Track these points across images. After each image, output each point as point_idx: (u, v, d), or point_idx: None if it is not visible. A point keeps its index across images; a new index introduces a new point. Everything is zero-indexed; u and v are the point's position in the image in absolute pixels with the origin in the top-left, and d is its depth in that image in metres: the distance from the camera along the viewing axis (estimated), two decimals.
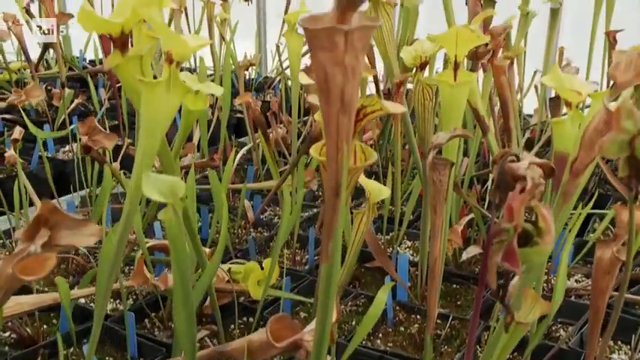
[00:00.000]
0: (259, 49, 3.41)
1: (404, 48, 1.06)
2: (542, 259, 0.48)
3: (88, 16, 0.70)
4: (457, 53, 0.88)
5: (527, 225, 0.46)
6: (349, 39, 0.43)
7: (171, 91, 0.70)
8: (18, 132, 1.73)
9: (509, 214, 0.44)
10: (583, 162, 0.74)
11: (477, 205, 1.20)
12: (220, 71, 2.77)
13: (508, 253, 0.42)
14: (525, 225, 0.46)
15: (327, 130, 0.47)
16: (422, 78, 1.04)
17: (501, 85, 1.03)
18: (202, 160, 1.51)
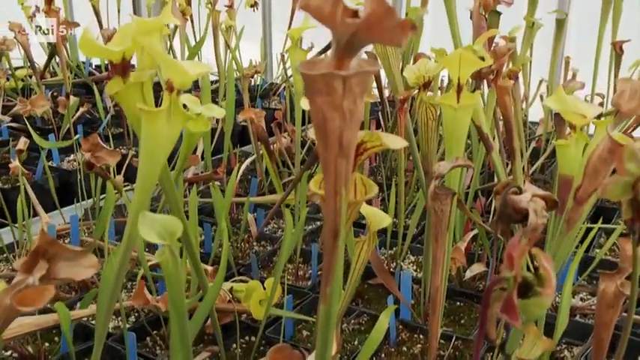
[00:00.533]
0: (265, 56, 3.41)
1: (407, 67, 1.05)
2: (542, 311, 0.47)
3: (89, 43, 0.70)
4: (460, 76, 0.87)
5: (528, 274, 0.45)
6: (347, 84, 0.43)
7: (172, 119, 0.70)
8: (22, 143, 1.73)
9: (509, 262, 0.43)
10: (587, 190, 0.74)
11: (481, 223, 1.19)
12: (225, 79, 2.78)
13: (507, 305, 0.41)
14: (526, 274, 0.45)
15: (325, 173, 0.46)
16: (425, 98, 1.03)
17: (505, 105, 1.02)
18: (206, 173, 1.51)
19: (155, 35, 0.70)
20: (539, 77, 2.34)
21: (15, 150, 1.71)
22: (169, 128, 0.70)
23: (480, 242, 1.45)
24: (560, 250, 0.78)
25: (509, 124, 1.03)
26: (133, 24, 0.70)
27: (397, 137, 0.59)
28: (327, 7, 0.39)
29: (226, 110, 1.67)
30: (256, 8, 3.22)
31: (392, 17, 0.38)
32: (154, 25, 0.71)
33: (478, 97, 0.91)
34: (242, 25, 3.12)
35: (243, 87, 1.81)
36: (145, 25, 0.70)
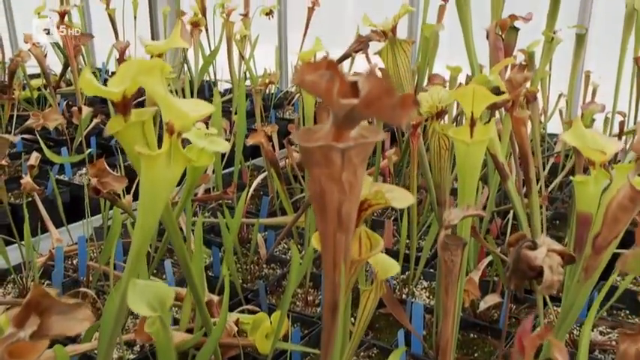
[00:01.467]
0: (280, 65, 3.39)
1: (419, 95, 1.02)
2: None
3: (88, 83, 0.67)
4: (474, 110, 0.84)
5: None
6: (347, 156, 0.40)
7: (172, 163, 0.67)
8: (34, 158, 1.73)
9: (520, 349, 0.40)
10: (606, 239, 0.70)
11: (496, 252, 1.16)
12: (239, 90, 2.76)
13: None
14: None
15: (323, 247, 0.43)
16: (438, 128, 1.00)
17: (521, 137, 0.98)
18: (216, 193, 1.49)
19: (156, 75, 0.68)
20: (558, 89, 2.29)
21: (27, 165, 1.71)
22: (169, 172, 0.67)
23: (495, 268, 1.41)
24: (578, 299, 0.74)
25: (525, 156, 1.00)
26: (134, 63, 0.68)
27: (404, 193, 0.56)
28: (323, 84, 0.36)
29: (238, 123, 1.65)
30: (272, 16, 3.20)
31: (391, 96, 0.35)
32: (155, 64, 0.68)
33: (493, 130, 0.88)
34: (257, 34, 3.11)
35: (256, 101, 1.79)
36: (145, 64, 0.68)
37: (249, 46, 3.04)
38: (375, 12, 3.98)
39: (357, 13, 3.99)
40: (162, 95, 0.68)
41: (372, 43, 1.73)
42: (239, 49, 2.65)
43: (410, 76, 1.25)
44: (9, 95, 2.19)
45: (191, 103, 0.70)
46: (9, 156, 2.03)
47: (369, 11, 4.19)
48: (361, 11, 4.25)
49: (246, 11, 2.97)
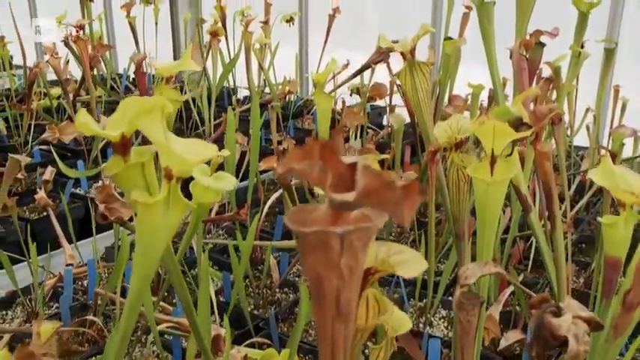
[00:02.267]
0: (300, 73, 3.35)
1: (438, 124, 0.97)
2: None
3: (85, 126, 0.64)
4: (494, 147, 0.79)
5: None
6: (346, 241, 0.36)
7: (171, 210, 0.64)
8: (49, 173, 1.72)
9: None
10: (638, 297, 0.64)
11: (519, 285, 1.10)
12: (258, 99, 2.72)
13: None
14: None
15: (320, 338, 0.39)
16: (457, 159, 0.95)
17: (545, 172, 0.93)
18: (228, 213, 1.45)
19: (155, 116, 0.64)
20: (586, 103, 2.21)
21: (42, 180, 1.70)
22: (167, 219, 0.64)
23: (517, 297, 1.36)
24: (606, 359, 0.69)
25: (549, 193, 0.94)
26: (133, 104, 0.64)
27: (415, 257, 0.51)
28: (314, 174, 0.32)
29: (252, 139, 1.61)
30: (292, 23, 3.17)
31: (392, 190, 0.31)
32: (155, 104, 0.64)
33: (516, 166, 0.82)
34: (278, 40, 3.07)
35: (272, 117, 1.76)
36: (144, 105, 0.64)
37: (269, 54, 3.02)
38: (396, 15, 3.89)
39: (378, 15, 3.93)
40: (160, 140, 0.64)
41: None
42: (258, 60, 2.63)
43: (429, 99, 1.20)
44: (27, 106, 2.19)
45: (192, 144, 0.66)
46: (25, 168, 2.02)
47: (390, 14, 4.11)
48: (382, 13, 4.17)
49: (266, 19, 2.94)
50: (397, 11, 3.66)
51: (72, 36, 1.80)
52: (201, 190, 0.80)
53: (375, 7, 3.97)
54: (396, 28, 3.66)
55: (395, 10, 3.67)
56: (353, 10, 3.83)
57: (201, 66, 1.40)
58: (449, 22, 2.56)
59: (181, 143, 0.66)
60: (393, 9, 3.70)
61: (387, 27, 3.79)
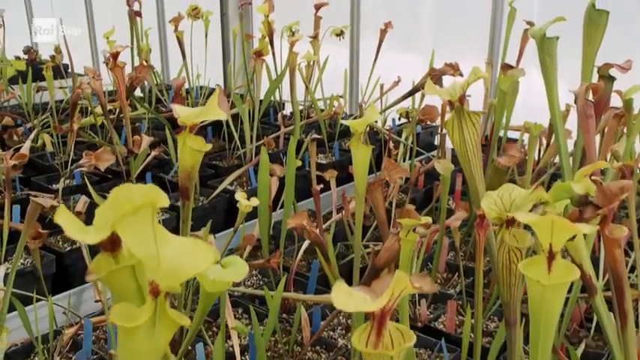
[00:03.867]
0: (350, 87, 3.24)
1: (486, 196, 0.84)
2: None
3: (68, 227, 0.55)
4: (553, 243, 0.66)
5: None
6: None
7: (157, 331, 0.54)
8: (82, 204, 1.68)
9: None
10: None
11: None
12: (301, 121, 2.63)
13: None
14: None
15: None
16: (507, 239, 0.82)
17: (615, 260, 0.79)
18: (259, 261, 1.36)
19: (142, 217, 0.54)
20: None
21: (74, 212, 1.65)
22: (153, 341, 0.54)
23: None
24: None
25: (619, 283, 0.80)
26: (118, 203, 0.54)
27: None
28: None
29: (287, 179, 1.52)
30: (342, 37, 3.07)
31: None
32: (144, 202, 0.54)
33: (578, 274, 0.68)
34: (327, 55, 2.97)
35: (311, 152, 1.65)
36: (130, 205, 0.54)
37: (317, 69, 2.92)
38: (452, 18, 3.68)
39: (432, 15, 3.76)
40: (146, 253, 0.54)
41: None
42: (304, 81, 2.53)
43: (479, 151, 1.07)
44: (70, 126, 2.18)
45: (187, 248, 0.56)
46: (64, 190, 2.00)
47: (445, 16, 3.90)
48: (438, 14, 3.96)
49: (315, 33, 2.84)
50: (453, 12, 3.49)
51: (109, 60, 1.75)
52: (208, 282, 0.71)
53: (433, 5, 3.80)
54: (451, 28, 3.48)
55: (451, 9, 3.50)
56: (406, 10, 3.68)
57: (227, 112, 1.30)
58: (508, 37, 2.40)
59: (175, 246, 0.56)
60: (449, 8, 3.53)
61: (441, 28, 3.62)
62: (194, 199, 2.10)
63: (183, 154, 1.05)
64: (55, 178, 2.16)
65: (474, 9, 3.34)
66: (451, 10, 3.51)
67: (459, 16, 3.48)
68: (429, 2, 3.82)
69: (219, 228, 2.01)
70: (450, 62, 2.14)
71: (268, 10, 2.65)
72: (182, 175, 1.07)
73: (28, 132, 2.58)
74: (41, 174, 2.24)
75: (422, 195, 2.15)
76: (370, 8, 3.62)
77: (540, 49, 1.19)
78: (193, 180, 1.08)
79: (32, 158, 2.30)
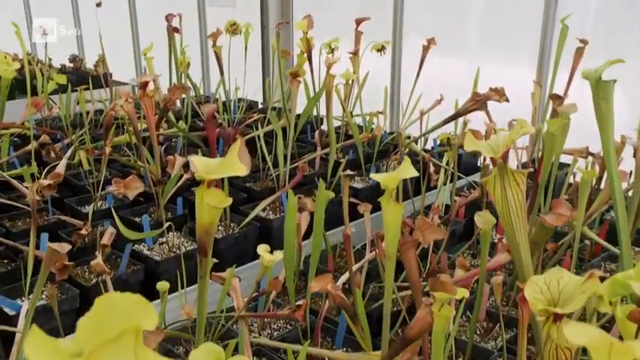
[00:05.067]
0: (390, 103, 3.14)
1: (531, 282, 0.74)
2: None
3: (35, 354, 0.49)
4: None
5: None
6: None
7: None
8: (108, 236, 1.63)
9: None
10: None
11: None
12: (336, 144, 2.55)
13: None
14: None
15: None
16: (555, 336, 0.72)
17: None
18: (282, 311, 1.29)
19: (123, 346, 0.47)
20: None
21: (99, 245, 1.61)
22: None
23: None
24: None
25: None
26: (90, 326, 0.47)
27: None
28: None
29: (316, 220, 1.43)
30: (383, 52, 2.97)
31: None
32: (127, 329, 0.47)
33: None
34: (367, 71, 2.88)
35: (344, 189, 1.57)
36: (107, 330, 0.47)
37: (356, 86, 2.84)
38: (500, 22, 3.49)
39: (481, 19, 3.62)
40: None
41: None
42: (342, 103, 2.45)
43: (523, 213, 0.97)
44: (104, 150, 2.15)
45: None
46: (95, 214, 1.97)
47: (493, 19, 3.72)
48: (485, 17, 3.78)
49: (355, 49, 2.76)
50: (502, 14, 3.34)
51: (138, 89, 1.71)
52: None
53: (481, 7, 3.66)
54: (499, 32, 3.33)
55: (499, 10, 3.35)
56: (452, 14, 3.55)
57: (248, 167, 1.23)
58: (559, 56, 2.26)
59: None
60: (497, 10, 3.38)
61: (489, 30, 3.47)
62: (224, 225, 2.04)
63: (201, 210, 0.98)
64: (88, 199, 2.14)
65: (524, 17, 3.19)
66: (500, 15, 3.35)
67: (508, 23, 3.32)
68: (478, 8, 3.68)
69: (249, 257, 1.95)
70: (495, 87, 2.02)
71: (307, 27, 2.57)
72: (199, 230, 1.00)
73: (66, 148, 2.58)
74: (75, 194, 2.23)
75: (462, 227, 2.04)
76: (414, 13, 3.51)
77: (595, 94, 1.07)
78: (212, 235, 1.01)
79: (67, 177, 2.28)
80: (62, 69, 4.35)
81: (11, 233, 1.85)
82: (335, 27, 3.68)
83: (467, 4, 3.62)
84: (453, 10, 3.58)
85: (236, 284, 1.37)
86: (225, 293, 1.36)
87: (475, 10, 3.69)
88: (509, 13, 3.31)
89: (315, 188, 2.34)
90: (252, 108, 3.53)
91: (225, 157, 0.97)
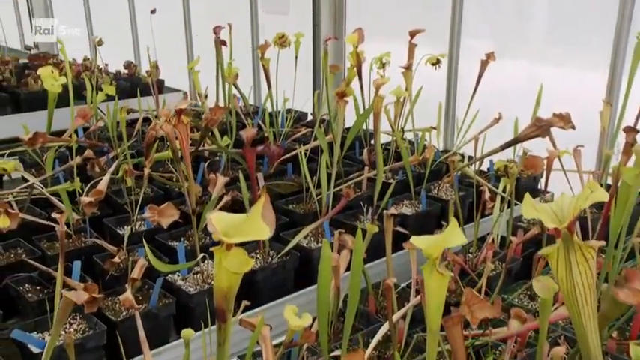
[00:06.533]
0: (445, 119, 2.98)
1: None
2: None
3: None
4: None
5: None
6: None
7: None
8: (139, 268, 1.56)
9: None
10: None
11: None
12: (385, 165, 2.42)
13: None
14: None
15: None
16: None
17: None
18: None
19: None
20: None
21: (129, 279, 1.55)
22: None
23: None
24: None
25: None
26: None
27: None
28: None
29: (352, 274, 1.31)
30: (439, 66, 2.81)
31: None
32: None
33: None
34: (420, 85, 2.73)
35: (387, 230, 1.44)
36: None
37: (408, 102, 2.69)
38: (567, 20, 3.22)
39: (545, 17, 3.39)
40: None
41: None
42: (391, 125, 2.32)
43: (593, 295, 0.82)
44: (144, 171, 2.10)
45: None
46: (132, 237, 1.92)
47: (559, 17, 3.45)
48: (550, 14, 3.52)
49: (408, 63, 2.62)
50: (569, 19, 3.10)
51: (171, 117, 1.63)
52: None
53: (546, 9, 3.43)
54: (566, 31, 3.10)
55: (566, 8, 3.11)
56: (511, 8, 3.34)
57: (272, 227, 1.11)
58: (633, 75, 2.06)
59: None
60: (563, 7, 3.14)
61: (554, 29, 3.24)
62: (263, 253, 1.95)
63: (219, 274, 0.88)
64: (127, 220, 2.09)
65: (594, 14, 2.94)
66: (567, 12, 3.11)
67: (575, 21, 3.08)
68: (541, 5, 3.44)
69: (287, 290, 1.85)
70: (560, 112, 1.85)
71: (357, 41, 2.46)
72: (218, 295, 0.90)
73: (111, 162, 2.55)
74: (116, 212, 2.18)
75: (519, 265, 1.87)
76: (471, 11, 3.32)
77: None
78: (232, 300, 0.91)
79: (108, 194, 2.25)
80: (117, 75, 4.37)
81: (47, 257, 1.81)
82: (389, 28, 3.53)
83: (529, 1, 3.40)
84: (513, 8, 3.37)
85: (266, 334, 1.26)
86: (254, 342, 1.26)
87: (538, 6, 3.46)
88: (577, 10, 3.07)
89: (360, 213, 2.23)
90: (300, 120, 3.43)
91: (247, 216, 0.87)
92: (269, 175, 2.53)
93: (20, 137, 2.13)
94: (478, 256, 1.90)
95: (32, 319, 1.54)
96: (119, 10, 5.51)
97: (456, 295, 1.75)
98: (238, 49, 3.03)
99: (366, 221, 2.19)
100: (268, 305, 1.74)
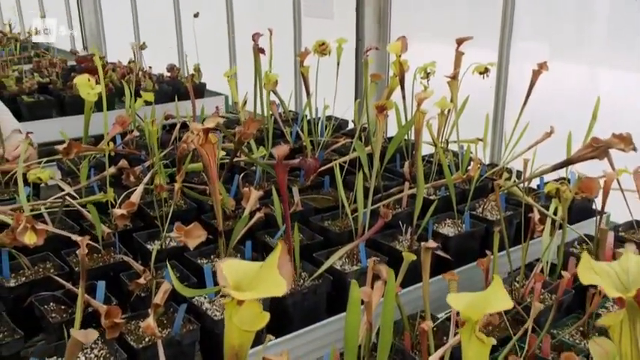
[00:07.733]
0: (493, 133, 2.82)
1: None
2: None
3: None
4: None
5: None
6: None
7: None
8: (162, 295, 1.50)
9: None
10: None
11: None
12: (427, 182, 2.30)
13: None
14: None
15: None
16: None
17: None
18: None
19: None
20: None
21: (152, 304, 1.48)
22: None
23: None
24: None
25: None
26: None
27: None
28: None
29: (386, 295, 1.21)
30: (487, 75, 2.66)
31: None
32: None
33: None
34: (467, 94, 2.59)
35: (424, 263, 1.33)
36: None
37: (453, 113, 2.55)
38: (629, 21, 2.97)
39: (606, 18, 3.19)
40: None
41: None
42: (434, 141, 2.20)
43: None
44: (174, 186, 2.05)
45: None
46: (159, 254, 1.85)
47: (621, 17, 3.20)
48: (611, 15, 3.30)
49: (454, 72, 2.48)
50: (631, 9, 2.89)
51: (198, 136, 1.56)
52: None
53: (607, 11, 3.22)
54: (627, 33, 2.90)
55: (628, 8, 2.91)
56: (569, 8, 3.14)
57: (290, 281, 1.02)
58: None
59: None
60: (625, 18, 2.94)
61: (614, 32, 3.05)
62: (295, 274, 1.86)
63: (230, 330, 0.79)
64: (158, 234, 2.03)
65: None
66: (630, 12, 2.91)
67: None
68: (602, 5, 3.24)
69: (317, 316, 1.75)
70: (620, 133, 1.69)
71: (400, 50, 2.34)
72: (228, 351, 0.81)
73: (146, 171, 2.51)
74: (147, 225, 2.13)
75: (571, 297, 1.72)
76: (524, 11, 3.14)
77: None
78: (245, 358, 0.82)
79: (141, 205, 2.20)
80: (159, 78, 4.37)
81: (74, 273, 1.77)
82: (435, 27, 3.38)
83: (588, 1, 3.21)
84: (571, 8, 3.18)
85: None
86: None
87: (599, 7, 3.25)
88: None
89: (399, 233, 2.11)
90: (341, 127, 3.33)
91: (262, 269, 0.78)
92: (305, 188, 2.44)
93: (56, 148, 2.10)
94: (526, 286, 1.76)
95: (54, 341, 1.49)
96: (164, 13, 5.53)
97: (500, 329, 1.62)
98: (280, 52, 2.94)
99: (404, 242, 2.07)
100: (297, 333, 1.64)
